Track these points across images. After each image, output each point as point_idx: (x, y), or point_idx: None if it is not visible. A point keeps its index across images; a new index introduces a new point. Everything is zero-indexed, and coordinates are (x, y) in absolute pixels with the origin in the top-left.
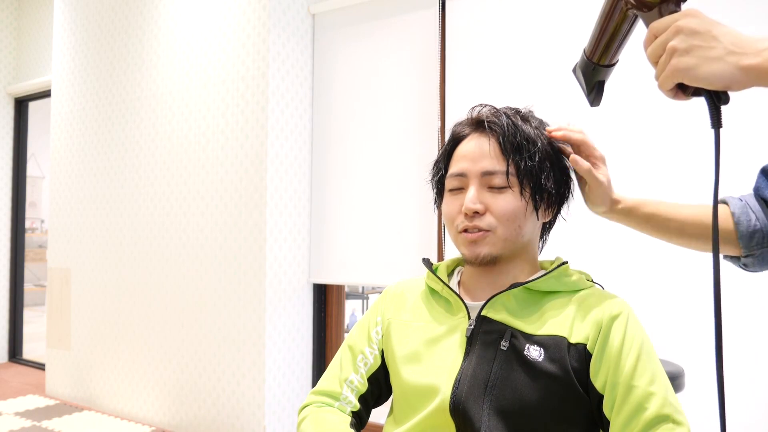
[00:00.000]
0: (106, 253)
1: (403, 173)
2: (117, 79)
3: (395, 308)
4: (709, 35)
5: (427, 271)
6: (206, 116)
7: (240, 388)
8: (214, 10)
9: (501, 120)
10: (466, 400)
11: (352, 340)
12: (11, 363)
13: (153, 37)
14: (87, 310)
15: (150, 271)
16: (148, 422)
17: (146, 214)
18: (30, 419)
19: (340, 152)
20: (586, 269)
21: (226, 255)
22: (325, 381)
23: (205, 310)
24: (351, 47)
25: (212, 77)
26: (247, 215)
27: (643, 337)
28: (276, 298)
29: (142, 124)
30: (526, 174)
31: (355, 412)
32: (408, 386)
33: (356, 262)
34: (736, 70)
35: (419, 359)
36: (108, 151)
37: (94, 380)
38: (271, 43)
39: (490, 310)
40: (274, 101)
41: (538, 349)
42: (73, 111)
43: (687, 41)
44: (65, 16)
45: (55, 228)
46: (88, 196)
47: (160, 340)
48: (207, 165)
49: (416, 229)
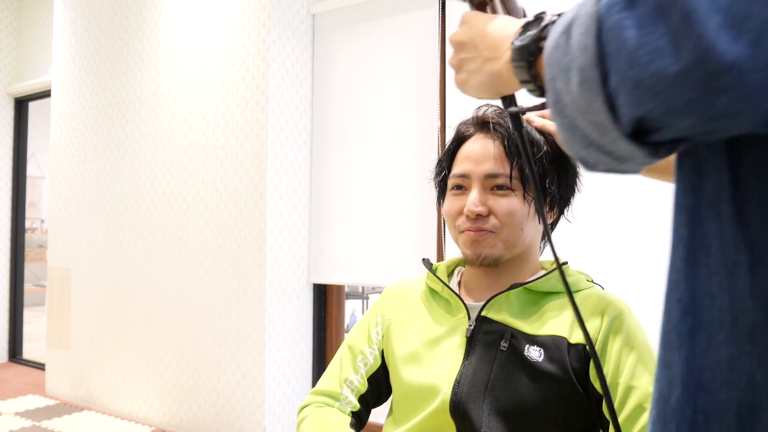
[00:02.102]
0: (106, 253)
1: (403, 173)
2: (117, 79)
3: (395, 308)
4: (471, 45)
5: (427, 272)
6: (206, 116)
7: (240, 388)
8: (214, 10)
9: (506, 122)
10: (466, 401)
11: (352, 340)
12: (11, 363)
13: (153, 37)
14: (87, 310)
15: (150, 271)
16: (148, 422)
17: (146, 214)
18: (30, 419)
19: (340, 152)
20: (586, 269)
21: (226, 255)
22: (324, 381)
23: (205, 309)
24: (351, 47)
25: (212, 77)
26: (247, 215)
27: (643, 338)
28: (276, 298)
29: (142, 124)
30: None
31: (354, 413)
32: (408, 386)
33: (356, 262)
34: (489, 78)
35: (419, 359)
36: (108, 151)
37: (94, 380)
38: (271, 43)
39: (490, 310)
40: (274, 101)
41: (538, 349)
42: (73, 111)
43: (456, 56)
44: (65, 16)
45: (55, 228)
46: (88, 196)
47: (160, 340)
48: (207, 165)
49: (416, 230)
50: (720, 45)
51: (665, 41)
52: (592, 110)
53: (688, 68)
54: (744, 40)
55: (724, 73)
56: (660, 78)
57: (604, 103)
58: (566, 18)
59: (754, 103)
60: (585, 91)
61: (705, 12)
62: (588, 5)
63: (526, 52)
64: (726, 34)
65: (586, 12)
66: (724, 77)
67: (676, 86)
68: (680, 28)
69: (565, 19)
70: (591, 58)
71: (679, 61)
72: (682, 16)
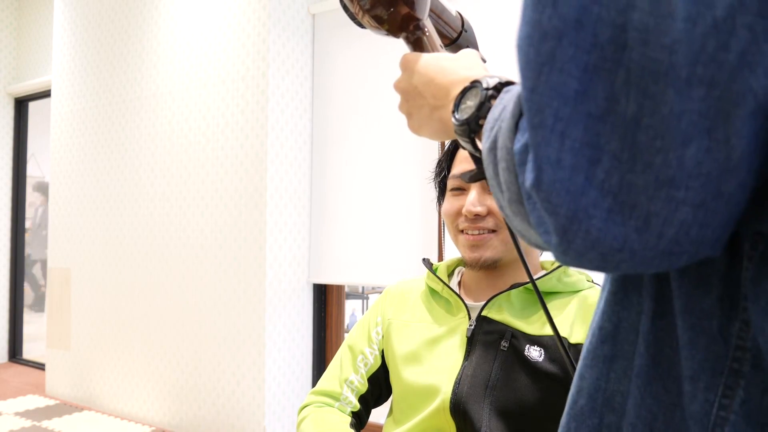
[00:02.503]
0: (106, 253)
1: (403, 173)
2: (117, 79)
3: (396, 308)
4: (415, 92)
5: (428, 272)
6: (206, 116)
7: (240, 388)
8: (214, 10)
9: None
10: (467, 401)
11: (352, 340)
12: (11, 363)
13: (153, 37)
14: (87, 310)
15: (150, 271)
16: (148, 422)
17: (146, 214)
18: (30, 419)
19: (340, 152)
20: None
21: (226, 255)
22: (325, 381)
23: (205, 309)
24: (351, 47)
25: (212, 77)
26: (247, 215)
27: None
28: (276, 298)
29: (142, 124)
30: None
31: (355, 413)
32: (408, 386)
33: (356, 262)
34: (441, 125)
35: (420, 359)
36: (108, 151)
37: (94, 380)
38: (271, 43)
39: (490, 310)
40: (274, 101)
41: (539, 349)
42: (73, 111)
43: (404, 105)
44: (65, 16)
45: (55, 228)
46: (88, 196)
47: (160, 339)
48: (207, 165)
49: (416, 229)
50: (610, 232)
51: (555, 228)
52: (530, 233)
53: (585, 249)
54: (630, 227)
55: (617, 253)
56: (556, 252)
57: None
58: (494, 121)
59: (661, 265)
60: (519, 221)
61: (591, 207)
62: (507, 125)
63: (467, 129)
64: (616, 219)
65: (504, 142)
66: (618, 256)
67: (576, 261)
68: (568, 227)
69: (492, 120)
70: (516, 194)
71: (573, 250)
72: (567, 218)
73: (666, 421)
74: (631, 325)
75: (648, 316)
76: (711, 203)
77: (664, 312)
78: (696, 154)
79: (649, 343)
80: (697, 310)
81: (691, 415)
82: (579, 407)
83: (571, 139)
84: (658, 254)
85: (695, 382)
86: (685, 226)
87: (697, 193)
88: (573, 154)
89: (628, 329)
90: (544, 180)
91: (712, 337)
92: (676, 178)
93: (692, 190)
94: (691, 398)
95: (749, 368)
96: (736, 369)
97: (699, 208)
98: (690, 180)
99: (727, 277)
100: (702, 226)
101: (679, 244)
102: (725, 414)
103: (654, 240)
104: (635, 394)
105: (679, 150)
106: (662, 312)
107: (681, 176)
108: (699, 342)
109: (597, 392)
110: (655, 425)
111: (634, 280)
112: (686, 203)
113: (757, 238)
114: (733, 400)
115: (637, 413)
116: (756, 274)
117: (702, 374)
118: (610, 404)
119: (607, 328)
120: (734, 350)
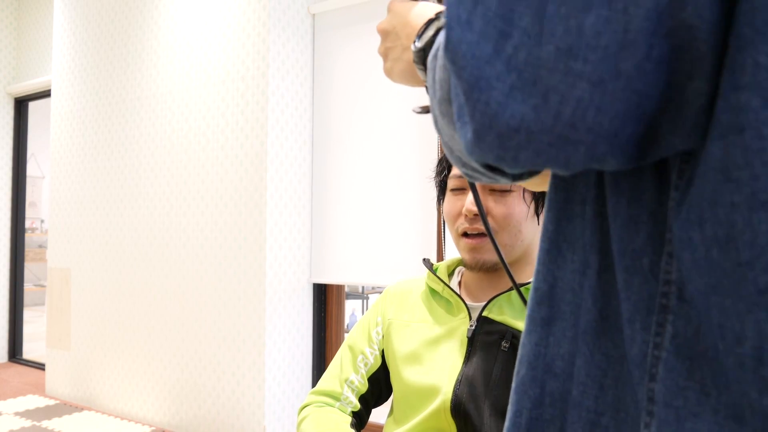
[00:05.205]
0: (106, 253)
1: (403, 173)
2: (117, 79)
3: (396, 308)
4: (394, 33)
5: (428, 272)
6: (206, 116)
7: (240, 388)
8: (214, 10)
9: None
10: (467, 401)
11: (352, 340)
12: (11, 363)
13: (153, 37)
14: (87, 310)
15: (150, 271)
16: (148, 422)
17: (146, 214)
18: (30, 419)
19: (340, 152)
20: None
21: (226, 255)
22: (325, 381)
23: (205, 309)
24: (351, 47)
25: (212, 77)
26: (247, 215)
27: None
28: (276, 298)
29: (142, 124)
30: None
31: (355, 412)
32: (409, 386)
33: (356, 262)
34: (409, 67)
35: (420, 360)
36: (108, 151)
37: (94, 380)
38: (271, 43)
39: (491, 310)
40: (274, 101)
41: None
42: (73, 111)
43: (383, 45)
44: (65, 16)
45: (55, 228)
46: (88, 196)
47: (160, 339)
48: (207, 165)
49: (416, 229)
50: (509, 108)
51: (463, 105)
52: (454, 141)
53: (484, 128)
54: (529, 104)
55: (514, 134)
56: (467, 141)
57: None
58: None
59: (558, 156)
60: (446, 124)
61: (494, 78)
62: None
63: (422, 55)
64: (516, 96)
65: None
66: (515, 138)
67: (479, 146)
68: (469, 95)
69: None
70: (446, 94)
71: (473, 125)
72: (469, 83)
73: (615, 376)
74: (567, 284)
75: (594, 269)
76: (609, 84)
77: (608, 265)
78: (595, 22)
79: (596, 297)
80: (629, 250)
81: (632, 360)
82: (520, 378)
83: (484, 6)
84: (555, 139)
85: (632, 323)
86: (582, 105)
87: (595, 67)
88: (484, 21)
89: (564, 288)
90: (452, 39)
91: (644, 276)
92: (575, 46)
93: (590, 63)
94: (630, 342)
95: (675, 301)
96: (664, 304)
97: (596, 86)
98: (589, 51)
99: (656, 213)
100: (599, 111)
101: (576, 128)
102: (658, 353)
103: (550, 120)
104: (584, 351)
105: (581, 16)
106: (606, 265)
107: (579, 45)
108: (633, 283)
109: (537, 359)
110: (605, 381)
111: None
112: (583, 78)
113: (684, 166)
114: (663, 337)
115: (587, 372)
116: (679, 202)
117: (637, 315)
118: (552, 370)
119: (542, 288)
120: (662, 285)
